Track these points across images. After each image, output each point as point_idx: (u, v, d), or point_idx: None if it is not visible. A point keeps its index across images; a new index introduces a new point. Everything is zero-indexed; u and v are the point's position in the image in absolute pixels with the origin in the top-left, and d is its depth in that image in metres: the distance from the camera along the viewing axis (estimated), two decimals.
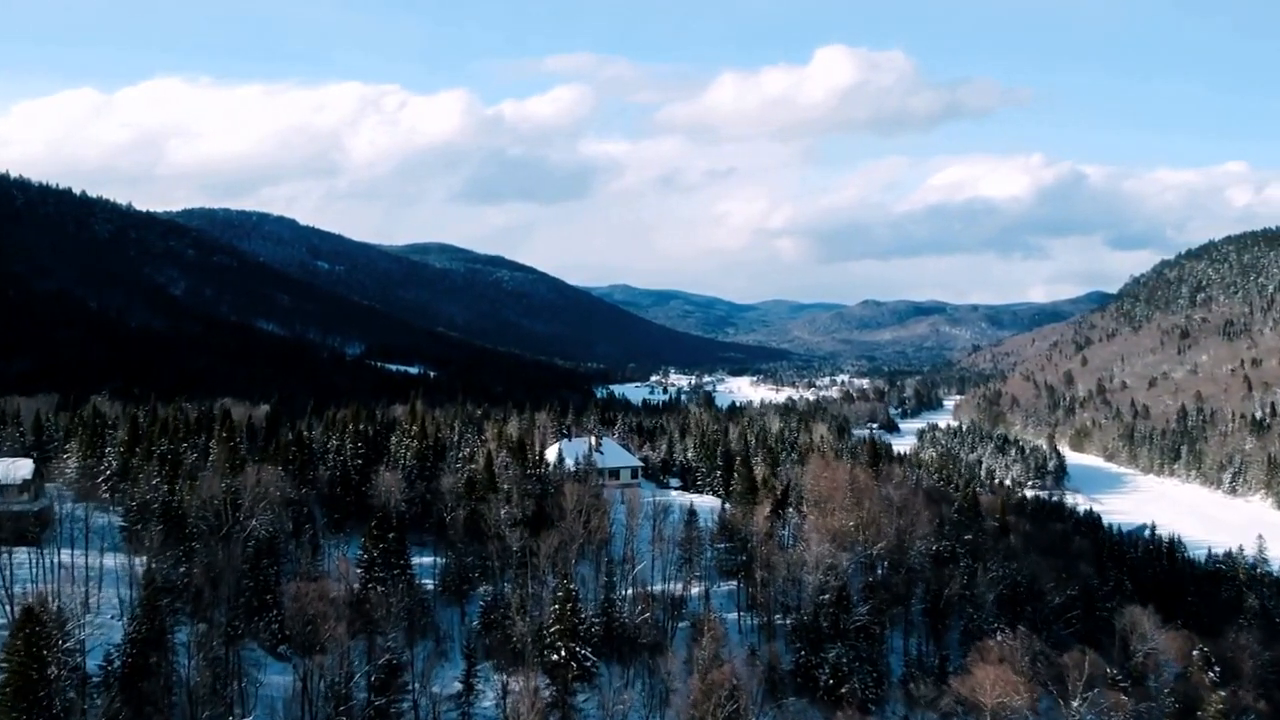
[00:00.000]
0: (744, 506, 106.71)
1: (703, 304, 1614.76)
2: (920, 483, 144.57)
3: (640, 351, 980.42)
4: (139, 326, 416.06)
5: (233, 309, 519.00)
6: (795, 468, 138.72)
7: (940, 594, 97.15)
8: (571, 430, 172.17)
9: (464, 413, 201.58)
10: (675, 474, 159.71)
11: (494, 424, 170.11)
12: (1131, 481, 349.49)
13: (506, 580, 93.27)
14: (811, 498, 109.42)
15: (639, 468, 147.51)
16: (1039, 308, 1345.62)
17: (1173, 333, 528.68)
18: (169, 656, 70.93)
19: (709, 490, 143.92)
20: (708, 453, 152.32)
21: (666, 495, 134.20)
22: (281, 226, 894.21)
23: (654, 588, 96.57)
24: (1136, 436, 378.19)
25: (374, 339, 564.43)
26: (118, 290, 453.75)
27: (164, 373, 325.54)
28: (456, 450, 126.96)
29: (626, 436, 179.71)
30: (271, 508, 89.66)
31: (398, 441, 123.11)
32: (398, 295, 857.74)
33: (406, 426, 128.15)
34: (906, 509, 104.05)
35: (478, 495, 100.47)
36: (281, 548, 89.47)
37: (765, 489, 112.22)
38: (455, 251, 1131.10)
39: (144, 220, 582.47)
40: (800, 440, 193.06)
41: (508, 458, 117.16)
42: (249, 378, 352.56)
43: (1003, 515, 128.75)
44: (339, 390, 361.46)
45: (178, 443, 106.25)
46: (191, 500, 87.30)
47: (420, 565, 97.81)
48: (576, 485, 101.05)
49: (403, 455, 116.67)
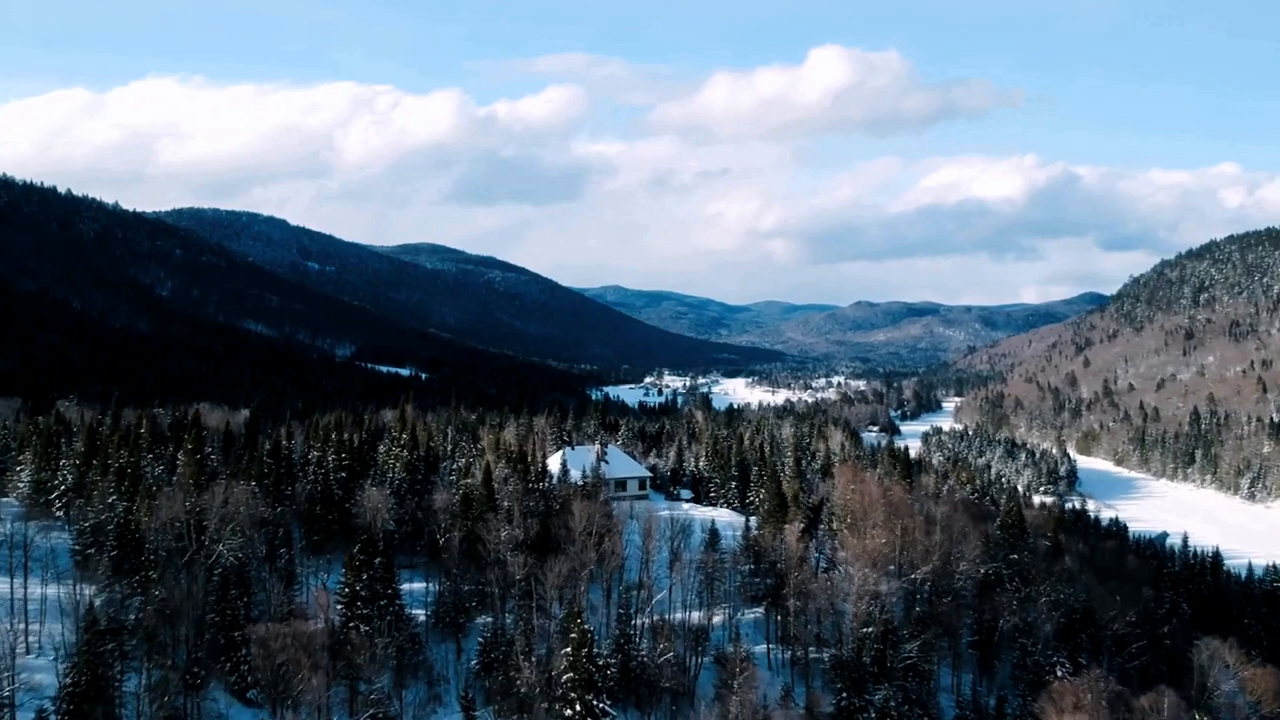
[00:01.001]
0: (772, 525, 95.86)
1: (695, 305, 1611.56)
2: (954, 495, 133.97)
3: (633, 353, 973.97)
4: (122, 328, 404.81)
5: (220, 310, 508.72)
6: (820, 480, 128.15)
7: (992, 625, 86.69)
8: (573, 437, 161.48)
9: (457, 418, 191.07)
10: (686, 484, 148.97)
11: (489, 430, 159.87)
12: (1144, 486, 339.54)
13: (508, 611, 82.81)
14: (843, 515, 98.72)
15: (647, 478, 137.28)
16: (1032, 309, 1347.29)
17: (1176, 333, 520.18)
18: (115, 710, 60.60)
19: (724, 503, 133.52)
20: (721, 462, 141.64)
21: (678, 508, 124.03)
22: (271, 227, 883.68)
23: (672, 616, 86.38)
24: (1147, 440, 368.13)
25: (364, 340, 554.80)
26: (102, 291, 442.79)
27: (146, 375, 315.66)
28: (450, 461, 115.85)
29: (630, 443, 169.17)
30: (242, 530, 78.93)
31: (386, 451, 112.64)
32: (389, 296, 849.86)
33: (396, 435, 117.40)
34: (949, 527, 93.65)
35: (475, 514, 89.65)
36: (252, 576, 78.67)
37: (795, 505, 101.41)
38: (447, 252, 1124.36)
39: (131, 220, 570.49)
40: (815, 448, 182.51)
41: (507, 469, 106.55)
42: (235, 380, 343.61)
43: (1055, 533, 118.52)
44: (328, 393, 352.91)
45: (140, 454, 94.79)
46: (150, 522, 76.45)
47: (410, 592, 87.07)
48: (586, 503, 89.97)
49: (391, 467, 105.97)
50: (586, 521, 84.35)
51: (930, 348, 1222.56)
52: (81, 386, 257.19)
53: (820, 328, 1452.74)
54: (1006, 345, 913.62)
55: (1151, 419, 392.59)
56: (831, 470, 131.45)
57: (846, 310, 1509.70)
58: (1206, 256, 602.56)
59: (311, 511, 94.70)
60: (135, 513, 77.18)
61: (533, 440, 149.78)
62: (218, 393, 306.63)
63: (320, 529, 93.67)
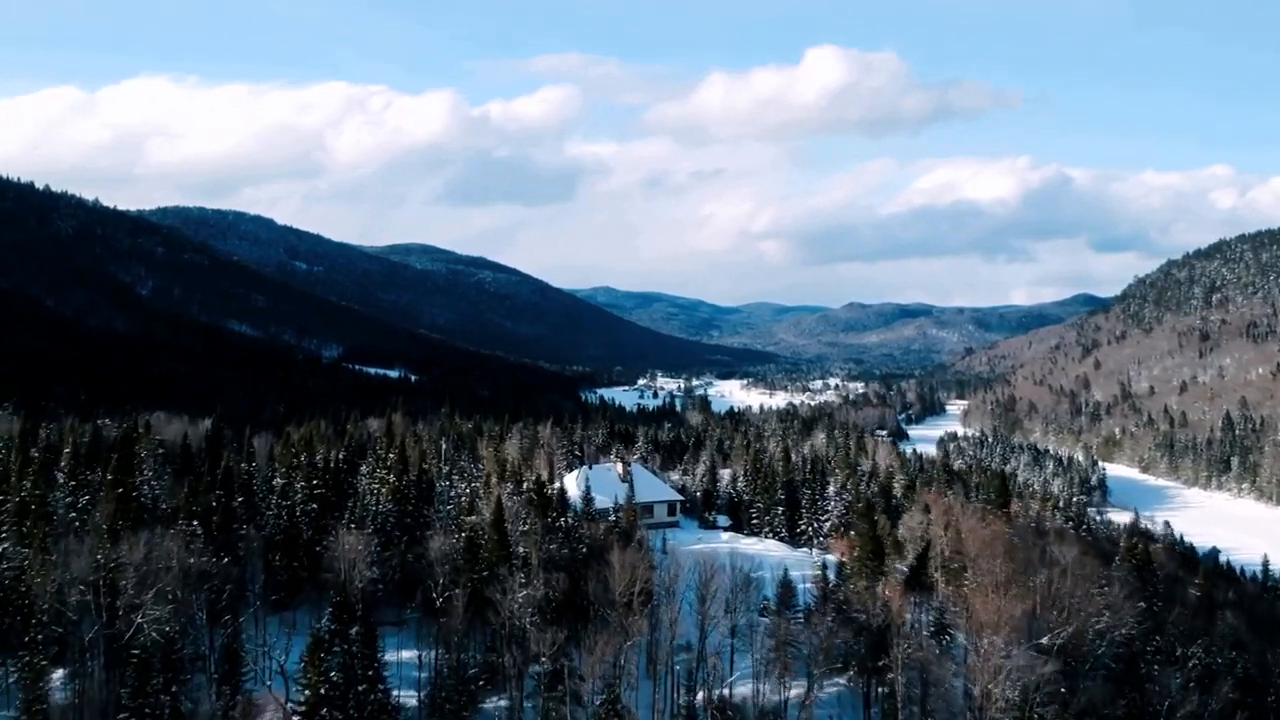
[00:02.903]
0: (867, 576, 75.65)
1: (686, 306, 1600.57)
2: (1042, 525, 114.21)
3: (625, 354, 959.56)
4: (98, 327, 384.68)
5: (203, 310, 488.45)
6: (881, 503, 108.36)
7: (1159, 708, 66.48)
8: (584, 450, 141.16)
9: (452, 427, 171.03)
10: (721, 508, 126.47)
11: (489, 442, 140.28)
12: (1177, 496, 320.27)
13: (527, 694, 63.13)
14: (950, 562, 78.69)
15: (678, 502, 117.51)
16: (1026, 310, 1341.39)
17: (1190, 335, 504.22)
18: None
19: (769, 532, 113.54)
20: (765, 484, 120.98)
21: (714, 538, 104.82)
22: (258, 226, 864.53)
23: (734, 690, 67.10)
24: (1176, 446, 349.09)
25: (353, 341, 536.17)
26: (80, 289, 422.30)
27: (119, 377, 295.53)
28: (448, 484, 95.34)
29: (648, 457, 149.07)
30: (173, 592, 58.98)
31: (370, 472, 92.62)
32: (378, 297, 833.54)
33: (381, 453, 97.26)
34: (1077, 575, 73.69)
35: (483, 568, 69.70)
36: (186, 655, 58.59)
37: (896, 551, 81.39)
38: (437, 253, 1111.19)
39: (111, 217, 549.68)
40: (857, 461, 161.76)
41: (515, 495, 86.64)
42: (215, 382, 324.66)
43: (1205, 581, 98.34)
44: (313, 395, 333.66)
45: (46, 487, 74.02)
46: (45, 585, 56.39)
47: (399, 663, 67.04)
48: (626, 551, 69.58)
49: (376, 495, 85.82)
50: (629, 579, 64.56)
51: (924, 349, 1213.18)
52: (57, 389, 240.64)
53: (812, 329, 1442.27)
54: (1005, 347, 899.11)
55: (1179, 424, 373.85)
56: (902, 495, 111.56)
57: (839, 312, 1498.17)
58: (1217, 256, 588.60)
59: (272, 560, 74.36)
60: (28, 571, 57.09)
61: (540, 455, 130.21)
62: (194, 396, 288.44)
63: (284, 581, 73.45)
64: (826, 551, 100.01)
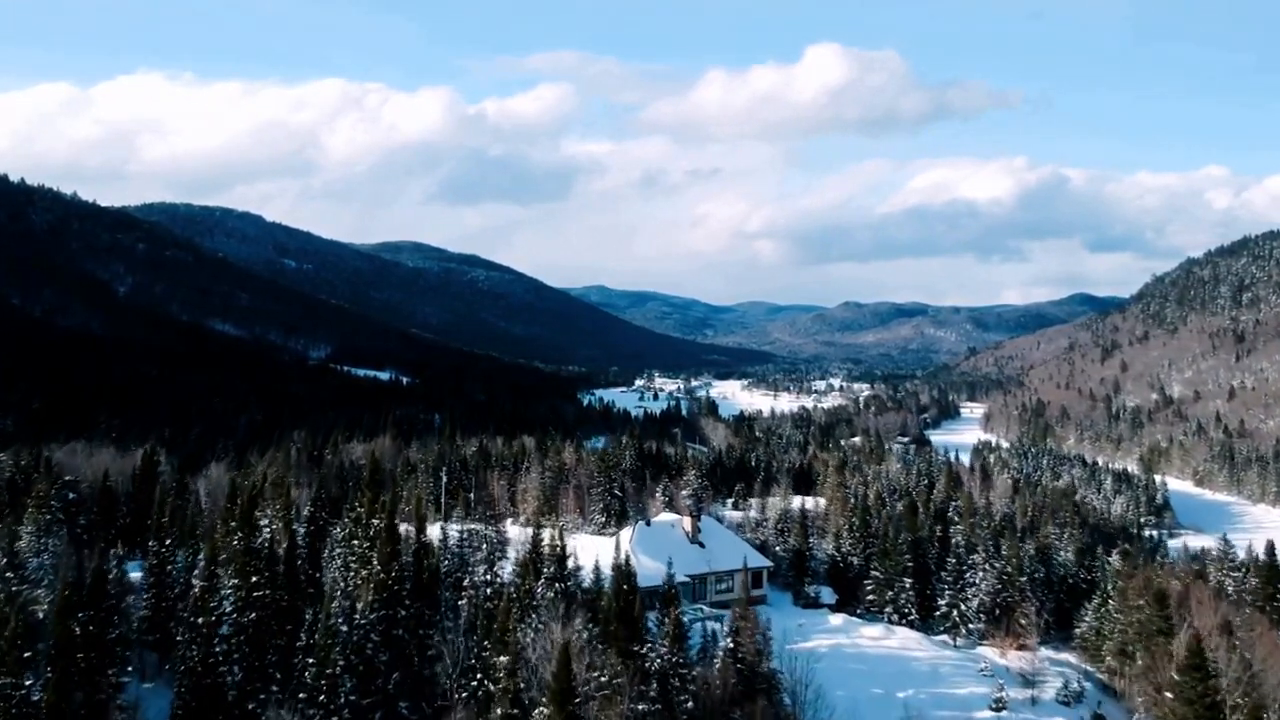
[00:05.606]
0: None
1: (680, 305, 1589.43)
2: None
3: (621, 354, 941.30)
4: (71, 327, 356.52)
5: (185, 308, 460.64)
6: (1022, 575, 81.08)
7: None
8: (626, 489, 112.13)
9: (453, 451, 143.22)
10: (821, 578, 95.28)
11: (499, 476, 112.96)
12: (1245, 514, 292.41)
13: None
14: None
15: (765, 569, 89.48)
16: (1023, 310, 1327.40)
17: (1222, 335, 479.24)
18: None
19: (894, 613, 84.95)
20: (886, 548, 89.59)
21: (820, 622, 77.41)
22: (246, 223, 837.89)
23: None
24: (1237, 458, 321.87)
25: (342, 341, 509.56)
26: (52, 287, 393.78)
27: (83, 382, 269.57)
28: (465, 571, 66.01)
29: (701, 494, 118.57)
30: None
31: (346, 550, 64.30)
32: (369, 295, 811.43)
33: (363, 519, 67.24)
34: None
35: None
36: None
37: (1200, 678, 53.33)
38: (429, 250, 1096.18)
39: (90, 211, 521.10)
40: (955, 498, 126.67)
41: (558, 595, 58.25)
42: (190, 387, 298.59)
43: None
44: (297, 401, 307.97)
45: None
46: None
47: None
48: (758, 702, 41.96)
49: (355, 588, 57.61)
50: None
51: (921, 349, 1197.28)
52: None
53: (808, 328, 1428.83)
54: (1010, 347, 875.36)
55: (1237, 433, 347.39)
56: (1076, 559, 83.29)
57: (834, 311, 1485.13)
58: (1243, 253, 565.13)
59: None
60: None
61: (568, 496, 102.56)
62: (166, 403, 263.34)
63: None
64: (975, 644, 72.88)
